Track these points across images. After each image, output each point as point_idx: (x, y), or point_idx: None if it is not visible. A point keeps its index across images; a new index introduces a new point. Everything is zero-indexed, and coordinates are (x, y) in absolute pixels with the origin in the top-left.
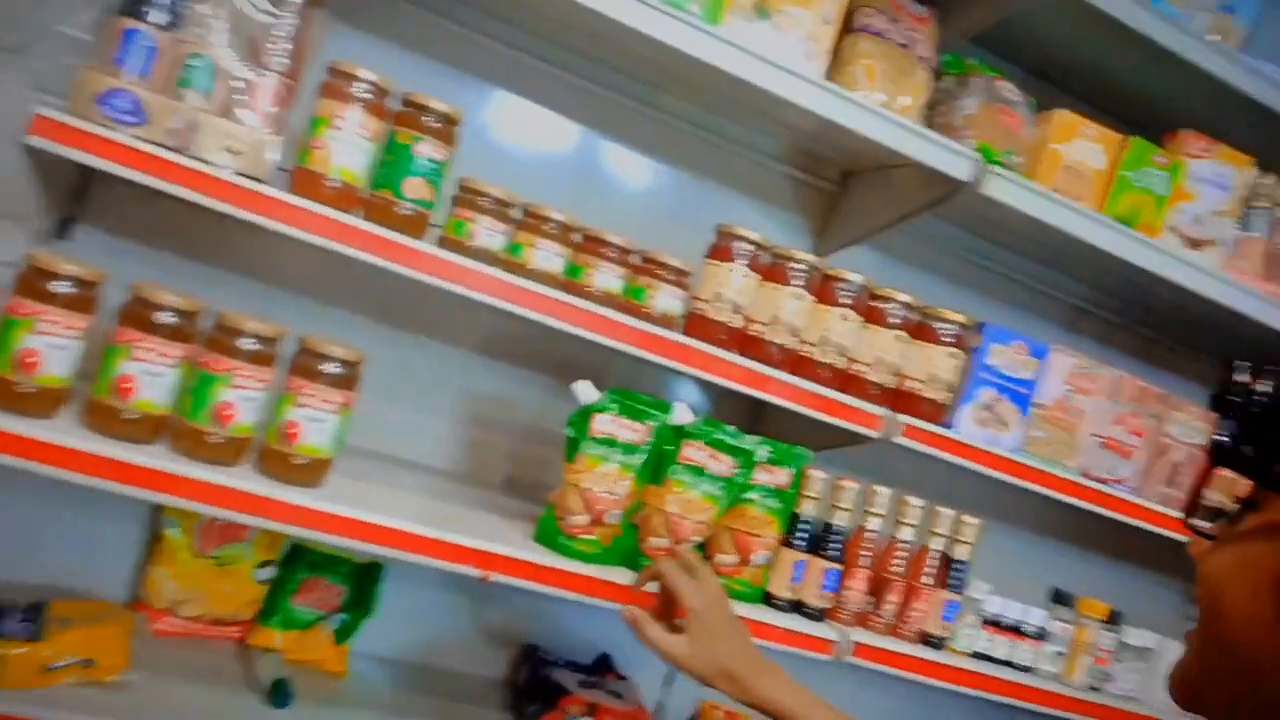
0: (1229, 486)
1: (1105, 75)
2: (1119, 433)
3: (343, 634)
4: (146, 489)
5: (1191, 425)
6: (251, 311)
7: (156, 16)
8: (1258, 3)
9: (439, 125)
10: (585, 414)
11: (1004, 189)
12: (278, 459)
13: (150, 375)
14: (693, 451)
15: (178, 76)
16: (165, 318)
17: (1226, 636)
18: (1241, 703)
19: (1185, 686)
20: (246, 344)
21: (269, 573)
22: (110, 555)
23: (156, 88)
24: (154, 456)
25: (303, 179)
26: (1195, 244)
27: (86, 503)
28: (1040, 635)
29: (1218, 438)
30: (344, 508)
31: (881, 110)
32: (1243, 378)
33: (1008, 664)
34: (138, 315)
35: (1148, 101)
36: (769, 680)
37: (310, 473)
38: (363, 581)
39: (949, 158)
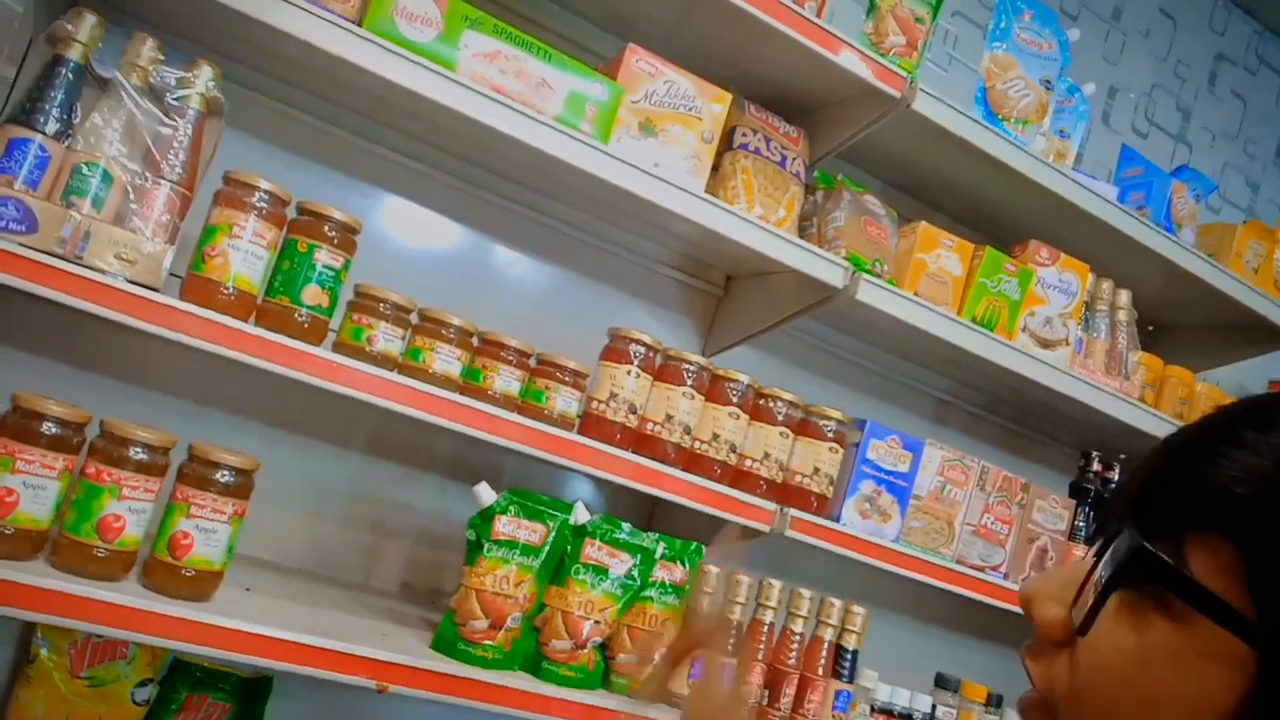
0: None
1: (958, 189)
2: (989, 521)
3: None
4: (25, 609)
5: (1054, 512)
6: (141, 420)
7: (47, 125)
8: (1084, 127)
9: (338, 234)
10: (488, 516)
11: (874, 294)
12: (167, 572)
13: (31, 489)
14: (593, 550)
15: (68, 184)
16: (49, 428)
17: None
18: None
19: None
20: (136, 453)
21: (148, 692)
22: None
23: (45, 196)
24: (33, 573)
25: (197, 286)
26: (1046, 344)
27: None
28: None
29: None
30: (236, 621)
31: (760, 223)
32: (1096, 466)
33: None
34: (19, 426)
35: (998, 213)
36: None
37: (200, 585)
38: (250, 697)
39: (823, 266)
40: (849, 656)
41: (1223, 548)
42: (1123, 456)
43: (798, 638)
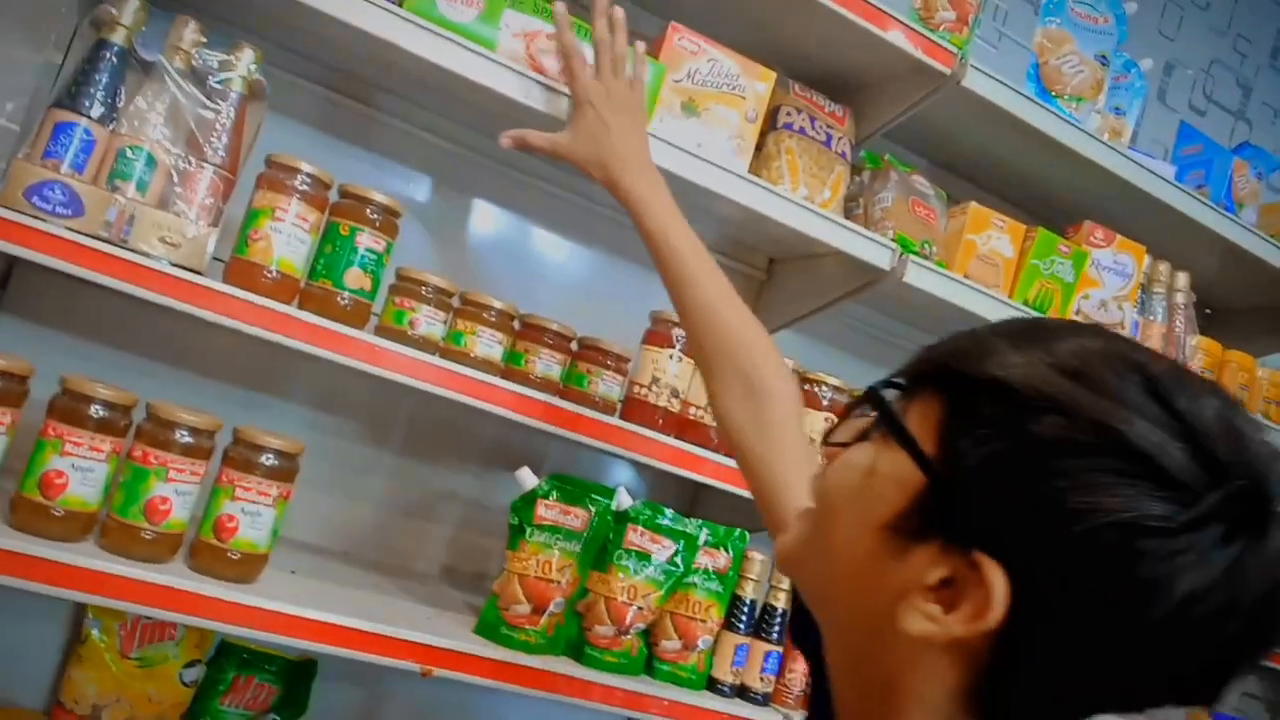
0: None
1: (1009, 168)
2: None
3: None
4: (75, 590)
5: None
6: (185, 403)
7: (93, 109)
8: (1140, 104)
9: (380, 217)
10: (530, 500)
11: (923, 277)
12: (212, 554)
13: (80, 471)
14: (636, 536)
15: (113, 168)
16: (97, 411)
17: (826, 542)
18: (820, 590)
19: (787, 557)
20: (181, 436)
21: (196, 673)
22: (27, 658)
23: (90, 179)
24: (82, 555)
25: (241, 270)
26: None
27: (4, 604)
28: None
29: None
30: (281, 604)
31: (806, 204)
32: None
33: None
34: (68, 409)
35: (1051, 193)
36: (641, 178)
37: (246, 568)
38: (295, 679)
39: (870, 248)
40: None
41: (937, 403)
42: None
43: None
